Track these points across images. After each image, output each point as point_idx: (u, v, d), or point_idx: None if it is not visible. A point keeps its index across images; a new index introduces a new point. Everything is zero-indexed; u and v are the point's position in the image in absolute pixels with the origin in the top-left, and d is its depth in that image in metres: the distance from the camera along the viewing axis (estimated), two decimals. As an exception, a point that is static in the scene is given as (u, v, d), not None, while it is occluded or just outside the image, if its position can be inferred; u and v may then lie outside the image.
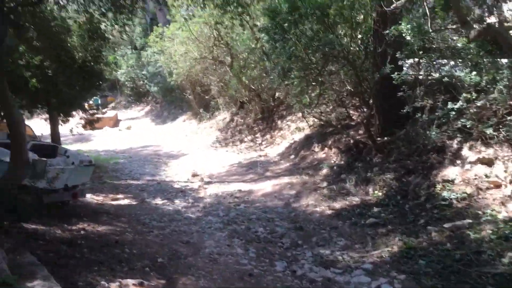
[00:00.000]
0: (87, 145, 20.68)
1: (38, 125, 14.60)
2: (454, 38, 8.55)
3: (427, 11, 7.55)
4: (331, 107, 13.82)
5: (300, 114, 15.20)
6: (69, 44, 10.29)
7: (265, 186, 10.90)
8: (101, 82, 11.98)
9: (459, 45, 7.74)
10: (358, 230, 7.38)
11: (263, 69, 16.29)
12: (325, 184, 9.99)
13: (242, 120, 18.30)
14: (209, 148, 16.97)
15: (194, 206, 9.81)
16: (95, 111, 28.56)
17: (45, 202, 8.07)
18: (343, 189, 9.36)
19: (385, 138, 9.85)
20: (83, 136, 22.97)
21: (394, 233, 6.89)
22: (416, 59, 8.64)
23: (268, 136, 15.73)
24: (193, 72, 18.35)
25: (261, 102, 16.77)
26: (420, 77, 9.22)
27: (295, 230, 7.79)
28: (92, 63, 10.71)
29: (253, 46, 15.60)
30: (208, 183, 11.85)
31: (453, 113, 7.42)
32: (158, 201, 10.29)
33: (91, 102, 31.56)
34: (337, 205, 8.73)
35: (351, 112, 12.99)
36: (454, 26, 8.22)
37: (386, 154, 9.44)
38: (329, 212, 8.53)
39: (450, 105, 7.42)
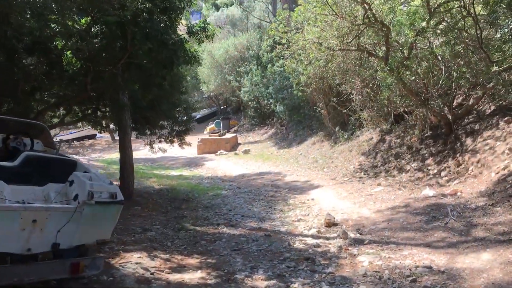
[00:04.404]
0: (195, 170, 16.74)
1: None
2: None
3: None
4: None
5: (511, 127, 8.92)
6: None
7: (484, 263, 5.02)
8: (176, 60, 7.23)
9: None
10: None
11: (435, 60, 10.50)
12: None
13: (398, 140, 12.42)
14: (351, 179, 11.42)
15: (335, 307, 4.43)
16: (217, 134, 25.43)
17: (2, 283, 3.59)
18: None
19: None
20: (193, 160, 19.38)
21: None
22: None
23: (450, 163, 9.61)
24: (328, 72, 13.18)
25: (433, 111, 10.74)
26: None
27: None
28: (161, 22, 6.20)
29: (423, 24, 9.91)
30: (357, 242, 6.36)
31: None
32: (259, 281, 5.11)
33: (212, 125, 28.58)
34: None
35: None
36: None
37: None
38: None
39: None
